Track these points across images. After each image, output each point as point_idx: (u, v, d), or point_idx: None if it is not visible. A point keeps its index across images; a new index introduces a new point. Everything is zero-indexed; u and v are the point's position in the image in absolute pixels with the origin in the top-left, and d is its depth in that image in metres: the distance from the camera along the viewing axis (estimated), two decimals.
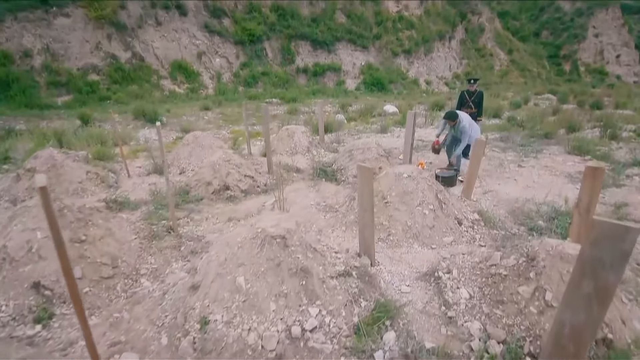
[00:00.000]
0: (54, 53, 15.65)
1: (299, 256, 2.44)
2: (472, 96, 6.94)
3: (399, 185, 4.08)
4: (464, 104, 6.98)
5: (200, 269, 2.59)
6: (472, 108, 6.89)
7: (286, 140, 8.08)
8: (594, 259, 1.49)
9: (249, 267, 2.35)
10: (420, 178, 4.15)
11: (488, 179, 6.26)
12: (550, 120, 12.04)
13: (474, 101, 6.93)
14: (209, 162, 5.27)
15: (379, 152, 6.13)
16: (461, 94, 7.08)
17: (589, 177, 3.44)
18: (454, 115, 6.28)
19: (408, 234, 3.80)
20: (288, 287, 2.32)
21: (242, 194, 5.16)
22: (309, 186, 5.81)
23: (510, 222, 4.54)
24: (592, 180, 3.44)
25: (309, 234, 2.66)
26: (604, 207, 5.08)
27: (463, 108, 6.91)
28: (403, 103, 19.11)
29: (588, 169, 3.43)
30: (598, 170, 3.38)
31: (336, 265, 2.59)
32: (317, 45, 24.87)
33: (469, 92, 6.93)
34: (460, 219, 4.08)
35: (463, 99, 7.01)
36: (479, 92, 6.93)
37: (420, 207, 3.94)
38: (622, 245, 1.43)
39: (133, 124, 11.83)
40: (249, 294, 2.26)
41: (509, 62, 34.54)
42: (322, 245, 2.65)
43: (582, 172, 6.82)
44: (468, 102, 6.94)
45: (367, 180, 3.07)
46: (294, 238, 2.51)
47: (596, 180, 3.42)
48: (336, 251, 2.69)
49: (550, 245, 2.52)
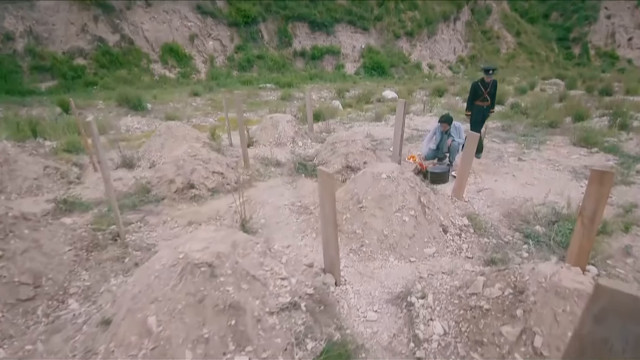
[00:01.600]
0: (37, 36, 14.99)
1: (230, 288, 1.97)
2: (488, 87, 6.25)
3: (376, 188, 3.57)
4: (479, 97, 6.33)
5: (117, 299, 2.13)
6: (487, 100, 6.30)
7: (270, 130, 7.54)
8: (598, 339, 1.01)
9: (164, 303, 1.89)
10: (402, 179, 3.63)
11: (484, 175, 5.73)
12: (556, 108, 11.34)
13: (490, 93, 6.29)
14: (173, 157, 4.77)
15: (365, 144, 5.59)
16: (475, 85, 6.36)
17: (595, 182, 2.91)
18: (450, 119, 5.76)
19: (384, 244, 3.31)
20: (211, 329, 1.85)
21: (208, 193, 4.68)
22: (286, 183, 5.31)
23: (505, 227, 4.03)
24: (598, 186, 2.91)
25: (249, 257, 2.17)
26: (611, 208, 4.55)
27: (477, 101, 6.34)
28: (403, 88, 18.36)
29: (594, 174, 2.89)
30: (606, 175, 2.85)
31: (280, 295, 2.12)
32: (316, 27, 23.91)
33: (484, 82, 6.22)
34: (446, 226, 3.58)
35: (478, 90, 6.31)
36: (494, 82, 6.30)
37: (400, 213, 3.43)
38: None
39: (116, 112, 11.30)
40: (159, 339, 1.81)
41: (516, 45, 33.22)
42: (264, 271, 2.17)
43: (588, 167, 6.30)
44: (484, 94, 6.26)
45: (327, 188, 2.56)
46: (225, 265, 2.03)
47: (603, 187, 2.89)
48: (283, 277, 2.21)
49: (543, 275, 2.03)
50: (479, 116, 6.51)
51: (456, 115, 10.98)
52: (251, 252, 2.20)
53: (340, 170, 5.30)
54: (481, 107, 6.41)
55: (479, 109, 6.44)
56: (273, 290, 2.12)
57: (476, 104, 6.42)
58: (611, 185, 2.88)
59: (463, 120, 10.07)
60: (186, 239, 2.20)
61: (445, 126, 5.74)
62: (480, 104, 6.40)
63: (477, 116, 6.52)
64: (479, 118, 6.53)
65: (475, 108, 6.48)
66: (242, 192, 3.68)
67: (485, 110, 6.45)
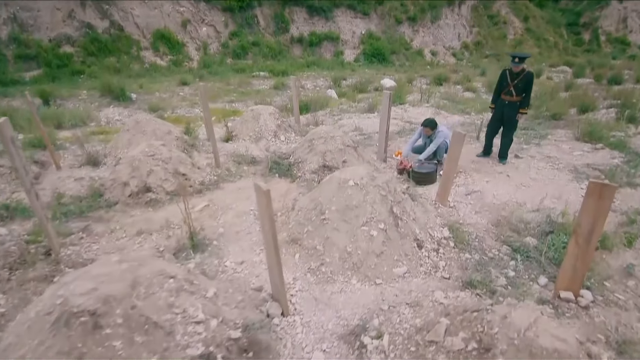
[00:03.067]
0: (22, 23, 14.47)
1: (117, 343, 1.56)
2: (516, 79, 5.17)
3: (341, 197, 3.13)
4: (504, 88, 5.32)
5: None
6: (512, 95, 5.27)
7: (250, 124, 7.07)
8: None
9: None
10: (372, 187, 3.18)
11: (475, 175, 5.24)
12: (561, 98, 10.70)
13: (517, 86, 5.18)
14: (129, 157, 4.34)
15: (345, 141, 5.12)
16: (502, 74, 5.36)
17: (593, 196, 2.45)
18: (433, 123, 5.20)
19: (346, 263, 2.89)
20: None
21: (167, 197, 4.26)
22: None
23: (491, 239, 3.58)
24: (596, 201, 2.44)
25: (153, 297, 1.76)
26: (614, 215, 4.07)
27: (502, 93, 5.37)
28: (403, 76, 17.68)
29: (593, 187, 2.42)
30: (606, 189, 2.38)
31: (190, 346, 1.71)
32: (314, 12, 23.04)
33: (512, 72, 5.18)
34: (422, 240, 3.14)
35: (503, 80, 5.32)
36: (526, 74, 5.15)
37: (367, 227, 3.00)
38: None
39: (99, 102, 10.85)
40: None
41: (524, 30, 31.96)
42: (173, 314, 1.76)
43: (591, 166, 5.78)
44: (509, 86, 5.24)
45: (265, 207, 2.13)
46: (115, 312, 1.62)
47: (603, 202, 2.43)
48: (198, 320, 1.80)
49: (516, 329, 1.59)
50: (497, 113, 5.50)
51: (454, 106, 10.43)
52: (159, 290, 1.78)
53: (316, 170, 4.85)
54: (503, 102, 5.38)
55: (500, 104, 5.42)
56: (181, 341, 1.71)
57: (501, 98, 5.42)
58: (612, 200, 2.42)
59: (462, 113, 9.54)
60: (74, 276, 1.78)
61: (428, 131, 5.22)
62: (503, 98, 5.37)
63: (496, 113, 5.52)
64: (498, 115, 5.50)
65: (498, 102, 5.48)
66: (187, 201, 3.24)
67: (509, 108, 5.33)
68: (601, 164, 5.58)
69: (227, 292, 2.37)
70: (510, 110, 5.33)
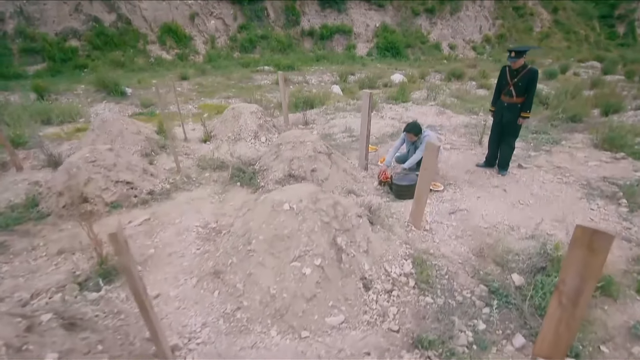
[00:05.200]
0: (28, 17, 14.52)
1: None
2: (516, 76, 4.34)
3: (272, 224, 2.57)
4: (503, 88, 4.54)
5: None
6: (512, 96, 4.45)
7: (230, 124, 6.58)
8: None
9: None
10: (311, 212, 2.61)
11: (467, 188, 4.55)
12: (584, 97, 9.66)
13: (518, 85, 4.35)
14: (67, 163, 3.93)
15: (318, 147, 4.53)
16: (501, 71, 4.57)
17: (581, 246, 1.79)
18: (417, 128, 4.53)
19: (268, 309, 2.34)
20: None
21: (106, 208, 3.83)
22: (214, 193, 4.38)
23: (466, 275, 2.94)
24: (585, 253, 1.79)
25: None
26: (626, 246, 3.33)
27: (502, 95, 4.58)
28: (416, 71, 16.79)
29: (580, 233, 1.76)
30: (598, 238, 1.72)
31: None
32: (326, 4, 22.31)
33: (511, 70, 4.39)
34: (370, 280, 2.55)
35: (502, 79, 4.54)
36: (529, 71, 4.29)
37: (299, 263, 2.43)
38: None
39: (93, 97, 10.66)
40: None
41: (552, 22, 30.01)
42: None
43: (607, 180, 4.96)
44: (509, 85, 4.43)
45: (122, 249, 1.61)
46: None
47: (594, 255, 1.76)
48: None
49: None
50: (497, 117, 4.71)
51: (462, 105, 9.56)
52: None
53: (281, 180, 4.30)
54: (502, 104, 4.58)
55: (500, 107, 4.63)
56: None
57: (500, 99, 4.63)
58: (606, 253, 1.75)
59: (470, 113, 8.66)
60: None
61: (412, 137, 4.56)
62: (503, 99, 4.57)
63: (496, 116, 4.74)
64: (498, 119, 4.71)
65: (498, 104, 4.70)
66: (91, 221, 2.76)
67: (508, 111, 4.53)
68: (620, 178, 4.75)
69: (95, 349, 1.88)
70: (509, 114, 4.57)
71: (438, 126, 7.46)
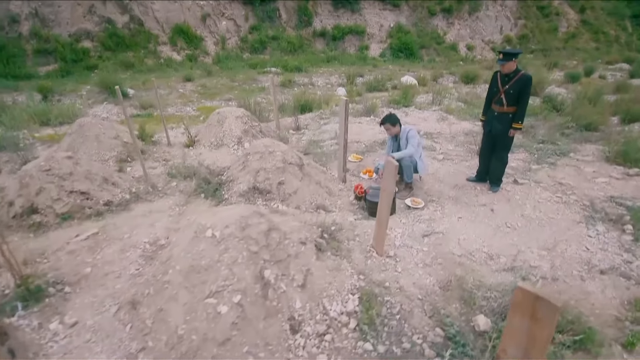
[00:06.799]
0: (43, 18, 14.88)
1: None
2: (507, 83, 3.89)
3: (190, 252, 2.28)
4: (494, 96, 4.09)
5: None
6: (503, 104, 3.98)
7: (214, 129, 6.36)
8: None
9: None
10: (236, 240, 2.30)
11: (450, 206, 4.13)
12: (605, 102, 8.91)
13: (509, 92, 3.90)
14: (22, 171, 3.78)
15: (288, 158, 4.22)
16: (493, 77, 4.13)
17: (522, 313, 1.40)
18: (393, 118, 4.18)
19: (174, 352, 2.05)
20: None
21: (56, 220, 3.65)
22: (176, 205, 4.14)
23: (422, 315, 2.55)
24: (528, 321, 1.39)
25: None
26: (623, 285, 2.85)
27: (493, 103, 4.13)
28: (428, 73, 16.21)
29: (520, 297, 1.37)
30: (542, 305, 1.32)
31: None
32: (339, 4, 21.94)
33: (502, 76, 3.96)
34: (300, 321, 2.22)
35: (494, 86, 4.10)
36: (521, 77, 3.83)
37: (215, 299, 2.13)
38: None
39: (95, 98, 10.74)
40: None
41: (580, 22, 28.46)
42: None
43: (614, 201, 4.39)
44: (500, 93, 3.98)
45: None
46: None
47: (537, 324, 1.37)
48: None
49: None
50: (487, 127, 4.26)
51: (469, 110, 8.99)
52: None
53: (245, 193, 4.01)
54: (492, 114, 4.15)
55: (490, 116, 4.19)
56: None
57: (491, 108, 4.19)
58: (553, 324, 1.35)
59: (474, 119, 8.09)
60: None
61: (390, 129, 4.22)
62: (493, 108, 4.13)
63: (486, 126, 4.29)
64: (487, 130, 4.27)
65: (488, 113, 4.26)
66: (6, 239, 2.54)
67: (498, 121, 4.06)
68: (630, 198, 4.20)
69: None
70: (500, 124, 4.10)
71: (436, 133, 7.00)
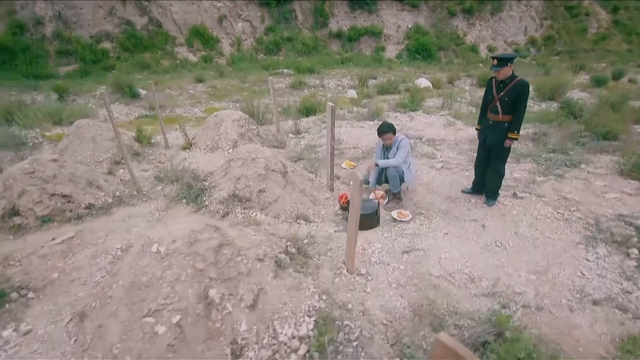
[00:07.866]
0: (66, 20, 15.46)
1: None
2: (502, 90, 3.65)
3: (133, 268, 2.19)
4: (489, 104, 3.84)
5: None
6: (498, 113, 3.72)
7: (211, 132, 6.34)
8: None
9: None
10: (182, 256, 2.19)
11: (437, 220, 3.89)
12: (631, 108, 8.33)
13: (504, 100, 3.65)
14: (6, 173, 3.84)
15: (271, 165, 4.11)
16: (488, 84, 3.87)
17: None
18: (389, 128, 4.01)
19: None
20: None
21: (36, 222, 3.67)
22: (157, 210, 4.10)
23: (382, 343, 2.36)
24: None
25: None
26: (618, 319, 2.57)
27: (488, 111, 3.87)
28: (445, 75, 15.78)
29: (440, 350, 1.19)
30: None
31: None
32: (356, 5, 21.74)
33: (497, 82, 3.70)
34: (243, 345, 2.09)
35: (488, 93, 3.84)
36: (517, 84, 3.56)
37: (153, 318, 2.03)
38: None
39: (108, 98, 10.98)
40: None
41: (611, 23, 27.04)
42: None
43: (622, 220, 4.02)
44: (495, 100, 3.74)
45: None
46: None
47: None
48: None
49: None
50: (482, 136, 4.01)
51: (471, 120, 8.60)
52: None
53: (224, 201, 3.93)
54: (487, 123, 3.89)
55: (485, 126, 3.94)
56: None
57: (487, 116, 3.93)
58: None
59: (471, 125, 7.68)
60: None
61: (391, 138, 4.06)
62: (488, 117, 3.87)
63: (481, 136, 4.04)
64: (482, 138, 4.03)
65: (483, 122, 4.01)
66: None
67: (493, 131, 3.81)
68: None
69: None
70: (495, 134, 3.82)
71: (439, 140, 6.72)
